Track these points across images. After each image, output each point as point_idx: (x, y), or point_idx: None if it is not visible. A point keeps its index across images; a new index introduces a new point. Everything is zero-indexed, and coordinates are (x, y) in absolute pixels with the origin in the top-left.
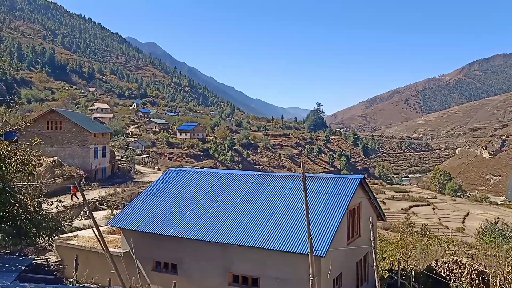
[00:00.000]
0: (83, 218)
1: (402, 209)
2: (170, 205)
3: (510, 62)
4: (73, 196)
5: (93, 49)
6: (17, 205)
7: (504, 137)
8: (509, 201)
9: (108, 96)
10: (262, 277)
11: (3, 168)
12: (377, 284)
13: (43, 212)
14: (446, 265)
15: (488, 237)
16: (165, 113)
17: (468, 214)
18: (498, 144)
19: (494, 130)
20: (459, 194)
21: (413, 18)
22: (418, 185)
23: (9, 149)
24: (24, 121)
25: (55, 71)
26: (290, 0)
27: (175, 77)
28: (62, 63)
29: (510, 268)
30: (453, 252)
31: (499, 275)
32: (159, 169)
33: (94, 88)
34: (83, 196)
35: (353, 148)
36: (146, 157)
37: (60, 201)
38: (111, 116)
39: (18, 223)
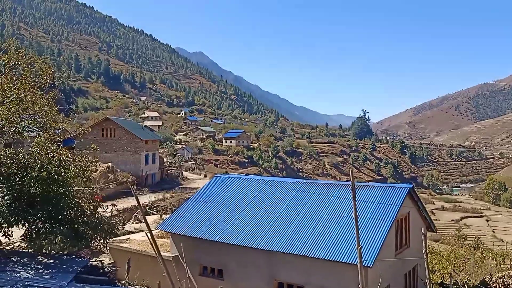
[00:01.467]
0: (134, 222)
1: (452, 220)
2: (216, 211)
3: None
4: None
5: (145, 59)
6: (75, 208)
7: None
8: None
9: (158, 105)
10: (307, 286)
11: (63, 174)
12: None
13: (99, 216)
14: (501, 280)
15: None
16: (212, 121)
17: None
18: None
19: None
20: None
21: (464, 20)
22: (470, 195)
23: (69, 155)
24: (81, 129)
25: (110, 81)
26: (335, 8)
27: (221, 86)
28: (116, 73)
29: None
30: (509, 267)
31: None
32: (205, 176)
33: (145, 97)
34: (138, 200)
35: (400, 156)
36: (193, 163)
37: (114, 205)
38: (161, 124)
39: (76, 226)
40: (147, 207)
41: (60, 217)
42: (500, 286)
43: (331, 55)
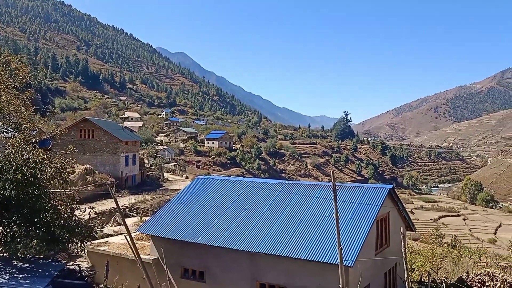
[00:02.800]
0: (113, 225)
1: (431, 219)
2: (198, 213)
3: None
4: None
5: (125, 59)
6: (51, 211)
7: None
8: None
9: (139, 105)
10: (289, 286)
11: (39, 176)
12: None
13: (76, 218)
14: (478, 277)
15: None
16: (194, 122)
17: (500, 225)
18: None
19: None
20: (491, 204)
21: (442, 26)
22: (448, 195)
23: (45, 156)
24: (58, 130)
25: (88, 80)
26: (316, 11)
27: (203, 86)
28: (94, 73)
29: None
30: (485, 264)
31: None
32: (187, 177)
33: (125, 97)
34: (116, 203)
35: (381, 157)
36: (174, 165)
37: (92, 207)
38: (141, 125)
39: (52, 229)
40: (127, 210)
41: (35, 220)
42: (477, 283)
43: (314, 58)
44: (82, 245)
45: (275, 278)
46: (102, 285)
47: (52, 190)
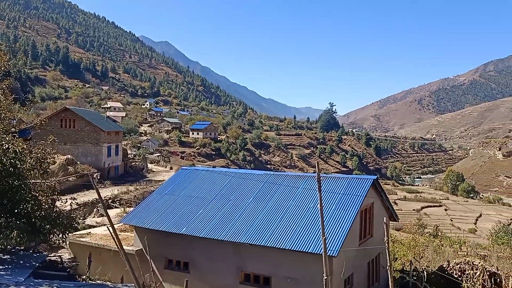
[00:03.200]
0: (96, 216)
1: (414, 210)
2: (182, 204)
3: None
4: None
5: (107, 47)
6: (31, 202)
7: None
8: None
9: (121, 95)
10: (274, 276)
11: (19, 166)
12: (390, 285)
13: (57, 209)
14: (458, 266)
15: (501, 239)
16: (178, 112)
17: (480, 216)
18: None
19: (509, 131)
20: (471, 195)
21: (427, 18)
22: (430, 186)
23: (24, 146)
24: (38, 119)
25: (69, 69)
26: (301, 2)
27: (188, 76)
28: (76, 62)
29: None
30: (465, 253)
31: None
32: (171, 168)
33: (108, 87)
34: (98, 193)
35: (365, 149)
36: (158, 156)
37: (74, 198)
38: (124, 115)
39: (33, 220)
40: (110, 201)
41: (16, 211)
42: (457, 272)
43: (300, 49)
44: (64, 236)
45: (259, 268)
46: (84, 276)
47: (33, 181)
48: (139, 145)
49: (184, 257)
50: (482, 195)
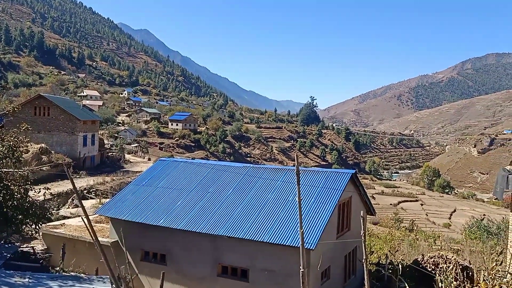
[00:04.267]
0: (70, 207)
1: (391, 204)
2: (160, 196)
3: (502, 62)
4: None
5: (84, 34)
6: (3, 191)
7: (493, 135)
8: (495, 199)
9: (98, 83)
10: (251, 269)
11: None
12: (366, 277)
13: (30, 199)
14: (432, 259)
15: (474, 234)
16: (157, 102)
17: (455, 211)
18: (486, 142)
19: (484, 128)
20: (447, 190)
21: (409, 15)
22: (407, 181)
23: None
24: (11, 106)
25: (44, 55)
26: None
27: (167, 66)
28: (51, 48)
29: (494, 264)
30: (439, 247)
31: (483, 270)
32: (149, 159)
33: (84, 75)
34: (73, 183)
35: (345, 143)
36: (136, 146)
37: (48, 188)
38: (101, 104)
39: (4, 210)
40: (85, 191)
41: None
42: (431, 265)
43: (282, 42)
44: (37, 227)
45: (237, 260)
46: (58, 268)
47: (5, 170)
48: (116, 135)
49: (161, 249)
50: (457, 191)
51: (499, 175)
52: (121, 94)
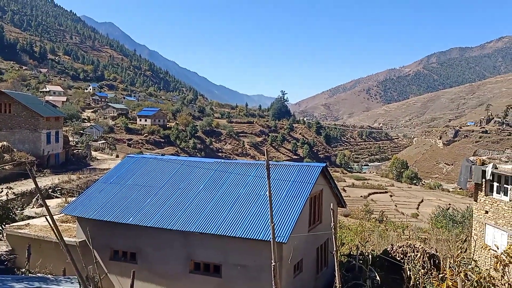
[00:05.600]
0: (35, 206)
1: (361, 196)
2: (129, 193)
3: (465, 56)
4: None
5: (45, 27)
6: None
7: (457, 127)
8: (460, 189)
9: (62, 78)
10: (224, 264)
11: None
12: (336, 269)
13: None
14: (400, 249)
15: (440, 223)
16: (124, 98)
17: (422, 201)
18: (451, 134)
19: (448, 121)
20: (415, 181)
21: (375, 9)
22: (377, 173)
23: None
24: None
25: (4, 50)
26: None
27: (134, 60)
28: (11, 42)
29: (459, 251)
30: (408, 237)
31: (449, 258)
32: (117, 156)
33: (46, 69)
34: (35, 182)
35: (316, 137)
36: (103, 143)
37: (10, 188)
38: (65, 100)
39: None
40: (50, 190)
41: None
42: (400, 254)
43: (251, 36)
44: (0, 228)
45: (210, 256)
46: (23, 269)
47: None
48: (82, 131)
49: (131, 247)
50: (424, 182)
51: (463, 165)
52: (86, 89)
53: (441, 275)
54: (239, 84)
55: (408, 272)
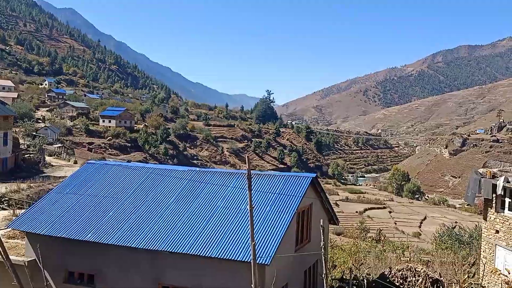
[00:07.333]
0: None
1: (356, 212)
2: (88, 205)
3: (475, 55)
4: None
5: None
6: None
7: (465, 135)
8: (467, 205)
9: (13, 71)
10: None
11: None
12: None
13: None
14: (400, 273)
15: (445, 243)
16: (85, 95)
17: (425, 218)
18: (458, 143)
19: (456, 127)
20: (417, 196)
21: (376, 3)
22: (374, 185)
23: None
24: None
25: None
26: None
27: (98, 52)
28: None
29: (466, 276)
30: (408, 259)
31: (454, 283)
32: (75, 162)
33: None
34: None
35: (305, 143)
36: (59, 147)
37: None
38: (16, 96)
39: None
40: None
41: None
42: (399, 279)
43: (233, 27)
44: None
45: (181, 279)
46: None
47: None
48: (34, 133)
49: (89, 268)
50: (428, 196)
51: (471, 178)
52: (41, 84)
53: None
54: (219, 82)
55: None
